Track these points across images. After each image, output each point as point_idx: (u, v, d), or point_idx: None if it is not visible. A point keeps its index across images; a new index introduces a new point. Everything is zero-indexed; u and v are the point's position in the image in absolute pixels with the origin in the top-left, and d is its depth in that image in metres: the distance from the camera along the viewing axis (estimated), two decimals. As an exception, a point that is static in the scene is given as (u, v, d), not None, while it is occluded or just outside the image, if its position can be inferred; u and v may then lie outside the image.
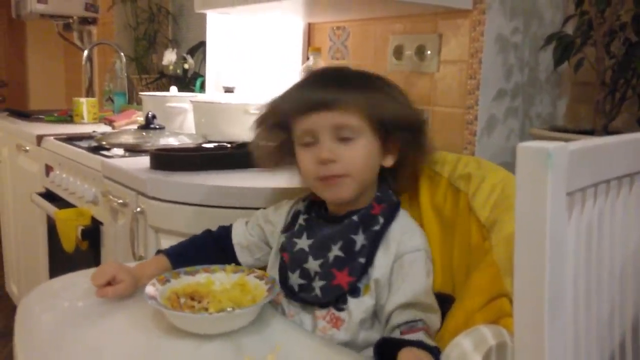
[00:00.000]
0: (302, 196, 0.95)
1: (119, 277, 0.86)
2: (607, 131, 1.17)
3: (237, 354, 0.73)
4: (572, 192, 0.52)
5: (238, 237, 0.97)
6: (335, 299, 0.83)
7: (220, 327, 0.77)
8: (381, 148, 0.86)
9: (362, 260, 0.83)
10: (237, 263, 0.95)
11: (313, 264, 0.85)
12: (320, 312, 0.84)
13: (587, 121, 1.36)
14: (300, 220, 0.91)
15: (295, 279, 0.86)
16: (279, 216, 0.95)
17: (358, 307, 0.82)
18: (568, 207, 0.53)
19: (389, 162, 0.88)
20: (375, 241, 0.83)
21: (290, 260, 0.87)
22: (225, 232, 0.98)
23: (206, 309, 0.79)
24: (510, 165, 0.60)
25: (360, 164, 0.83)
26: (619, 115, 1.19)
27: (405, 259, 0.82)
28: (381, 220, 0.85)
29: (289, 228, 0.91)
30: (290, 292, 0.87)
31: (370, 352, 0.76)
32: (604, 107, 1.17)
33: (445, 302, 0.88)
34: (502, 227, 0.82)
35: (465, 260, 0.89)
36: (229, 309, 0.78)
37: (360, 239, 0.84)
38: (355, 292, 0.83)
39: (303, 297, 0.85)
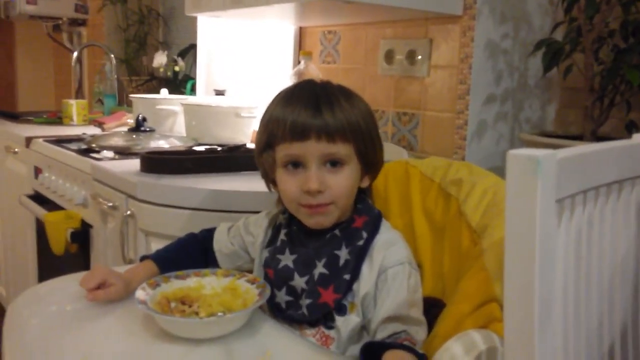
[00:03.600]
0: (282, 208, 0.93)
1: (110, 281, 0.85)
2: (595, 136, 1.18)
3: (228, 358, 0.73)
4: (561, 199, 0.53)
5: (219, 244, 0.97)
6: (324, 317, 0.83)
7: (210, 331, 0.77)
8: (361, 171, 0.85)
9: (346, 276, 0.82)
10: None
11: (299, 281, 0.84)
12: (310, 331, 0.84)
13: (576, 126, 1.37)
14: (282, 235, 0.89)
15: (281, 297, 0.85)
16: (259, 228, 0.93)
17: (345, 325, 0.82)
18: (557, 214, 0.53)
19: (365, 183, 0.87)
20: (359, 257, 0.82)
21: (276, 278, 0.86)
22: (208, 237, 0.98)
23: (197, 313, 0.79)
24: (500, 170, 0.60)
25: (345, 192, 0.82)
26: (608, 121, 1.20)
27: (388, 273, 0.81)
28: (364, 234, 0.84)
29: (271, 243, 0.90)
30: (277, 310, 0.86)
31: None
32: (592, 112, 1.19)
33: (435, 306, 0.88)
34: (493, 232, 0.83)
35: (456, 265, 0.89)
36: (219, 314, 0.78)
37: (343, 254, 0.83)
38: (341, 310, 0.82)
39: (291, 315, 0.84)
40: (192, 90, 2.25)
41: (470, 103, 1.34)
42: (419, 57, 1.45)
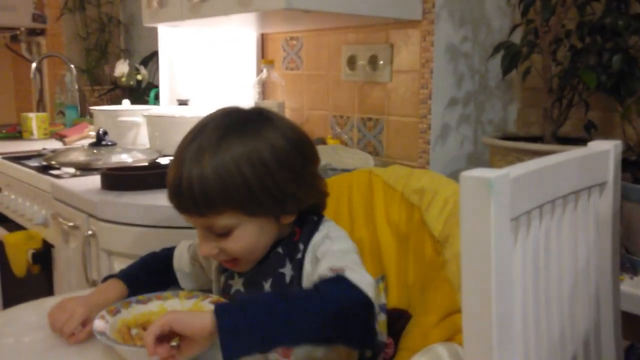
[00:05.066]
0: None
1: (91, 317, 0.81)
2: (555, 137, 1.19)
3: (193, 385, 0.71)
4: (517, 217, 0.53)
5: (180, 263, 0.94)
6: None
7: (174, 358, 0.75)
8: (271, 218, 0.78)
9: None
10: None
11: None
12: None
13: (537, 126, 1.39)
14: None
15: None
16: None
17: None
18: (513, 232, 0.53)
19: (289, 219, 0.79)
20: (300, 270, 0.80)
21: None
22: (170, 255, 0.95)
23: (160, 339, 0.77)
24: (463, 173, 0.59)
25: (247, 248, 0.77)
26: (567, 121, 1.22)
27: (318, 251, 0.78)
28: (301, 247, 0.81)
29: (225, 270, 0.88)
30: None
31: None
32: (552, 113, 1.20)
33: (400, 318, 0.88)
34: (455, 242, 0.82)
35: (421, 276, 0.89)
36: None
37: (288, 271, 0.81)
38: None
39: None
40: (156, 99, 2.21)
41: (433, 107, 1.34)
42: (381, 62, 1.45)
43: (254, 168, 0.73)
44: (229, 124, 0.77)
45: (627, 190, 0.88)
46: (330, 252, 0.77)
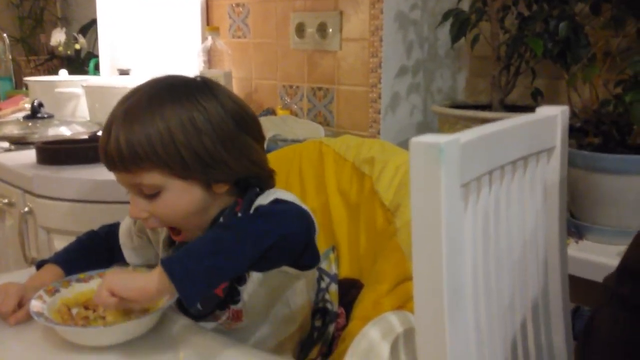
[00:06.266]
0: None
1: (28, 296, 0.77)
2: (503, 105, 1.20)
3: (139, 365, 0.69)
4: (467, 183, 0.52)
5: (124, 237, 0.90)
6: (230, 294, 0.79)
7: (117, 337, 0.72)
8: (202, 185, 0.75)
9: None
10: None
11: None
12: (220, 312, 0.81)
13: (485, 94, 1.40)
14: None
15: None
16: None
17: (252, 287, 0.79)
18: (463, 198, 0.52)
19: (221, 188, 0.77)
20: None
21: None
22: (111, 232, 0.91)
23: (103, 318, 0.74)
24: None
25: (176, 213, 0.75)
26: (515, 89, 1.23)
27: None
28: (240, 215, 0.79)
29: (173, 241, 0.85)
30: (182, 309, 0.81)
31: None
32: (499, 81, 1.20)
33: (352, 287, 0.88)
34: (405, 210, 0.82)
35: (372, 245, 0.89)
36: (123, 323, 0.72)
37: None
38: (240, 280, 0.79)
39: (192, 314, 0.81)
40: (96, 69, 2.11)
41: (383, 76, 1.33)
42: (330, 30, 1.42)
43: (183, 127, 0.72)
44: (165, 85, 0.76)
45: (572, 156, 0.90)
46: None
